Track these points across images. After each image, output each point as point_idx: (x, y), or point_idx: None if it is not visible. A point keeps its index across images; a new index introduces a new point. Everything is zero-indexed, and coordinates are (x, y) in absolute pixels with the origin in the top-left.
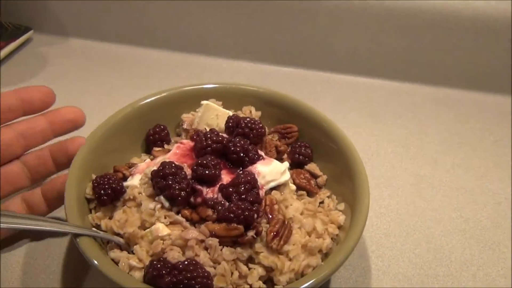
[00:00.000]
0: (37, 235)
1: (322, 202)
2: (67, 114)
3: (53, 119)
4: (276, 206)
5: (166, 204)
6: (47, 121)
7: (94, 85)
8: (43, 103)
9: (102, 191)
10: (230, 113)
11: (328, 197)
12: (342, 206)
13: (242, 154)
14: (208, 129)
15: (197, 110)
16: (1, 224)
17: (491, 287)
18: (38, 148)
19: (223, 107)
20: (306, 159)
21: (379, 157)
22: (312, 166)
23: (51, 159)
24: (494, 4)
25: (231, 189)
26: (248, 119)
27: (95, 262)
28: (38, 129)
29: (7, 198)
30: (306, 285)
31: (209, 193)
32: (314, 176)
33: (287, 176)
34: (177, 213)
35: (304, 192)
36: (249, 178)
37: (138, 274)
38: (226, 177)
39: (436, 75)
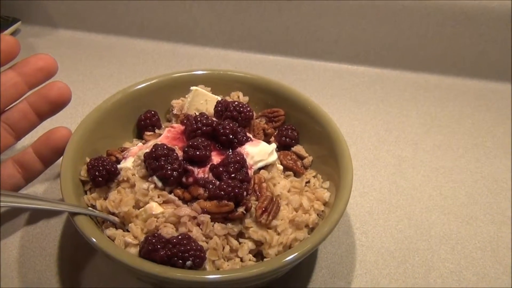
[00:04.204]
0: (33, 217)
1: (308, 182)
2: (37, 62)
3: (23, 71)
4: (264, 184)
5: (159, 184)
6: (17, 73)
7: (82, 75)
8: (6, 54)
9: (96, 173)
10: (219, 98)
11: (314, 176)
12: (327, 184)
13: (231, 136)
14: (198, 113)
15: (186, 96)
16: (0, 203)
17: (468, 259)
18: (15, 103)
19: (212, 93)
20: (293, 141)
21: (363, 140)
22: (298, 148)
23: (32, 110)
24: None
25: (221, 169)
26: (236, 102)
27: (93, 239)
28: (9, 84)
29: None
30: (293, 256)
31: (200, 173)
32: (300, 157)
33: (274, 156)
34: (170, 192)
35: (291, 173)
36: (238, 158)
37: (134, 250)
38: (216, 158)
39: (416, 62)
